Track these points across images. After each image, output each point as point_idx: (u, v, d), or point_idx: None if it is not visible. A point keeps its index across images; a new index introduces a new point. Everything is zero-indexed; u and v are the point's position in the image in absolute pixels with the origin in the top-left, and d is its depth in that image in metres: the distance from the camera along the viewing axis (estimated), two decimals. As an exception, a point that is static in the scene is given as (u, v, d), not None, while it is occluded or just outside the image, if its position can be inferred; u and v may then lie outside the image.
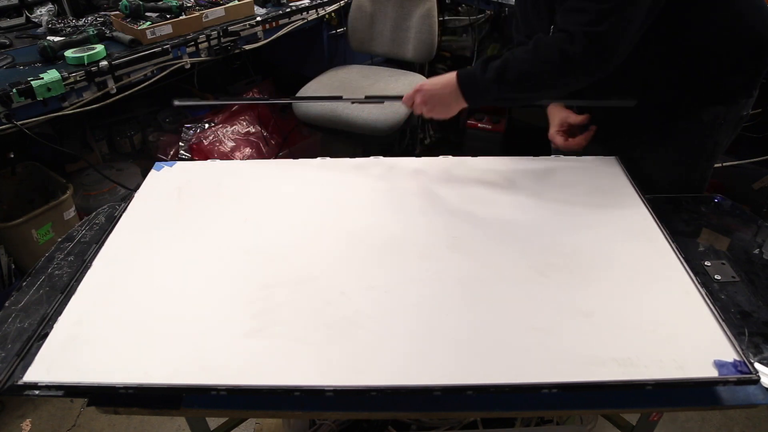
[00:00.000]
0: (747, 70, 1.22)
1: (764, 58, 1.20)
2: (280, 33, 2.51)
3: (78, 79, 1.89)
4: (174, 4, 2.23)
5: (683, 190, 1.34)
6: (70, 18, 2.35)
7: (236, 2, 2.36)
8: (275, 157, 2.83)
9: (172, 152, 2.71)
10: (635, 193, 1.23)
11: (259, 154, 2.78)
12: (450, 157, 1.37)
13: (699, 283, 0.99)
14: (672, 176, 1.34)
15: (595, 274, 1.02)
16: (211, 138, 2.66)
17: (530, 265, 1.03)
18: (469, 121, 3.05)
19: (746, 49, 1.19)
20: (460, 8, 3.15)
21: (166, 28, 2.15)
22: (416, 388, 0.81)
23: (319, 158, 1.37)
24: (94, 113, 2.11)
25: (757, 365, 0.91)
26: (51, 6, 2.37)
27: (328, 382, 0.81)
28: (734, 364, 0.83)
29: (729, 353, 0.85)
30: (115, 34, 2.15)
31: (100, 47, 1.99)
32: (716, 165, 2.24)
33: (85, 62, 1.92)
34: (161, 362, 0.86)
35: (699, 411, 0.93)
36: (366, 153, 1.46)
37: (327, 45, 2.85)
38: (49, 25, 2.21)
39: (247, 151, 2.74)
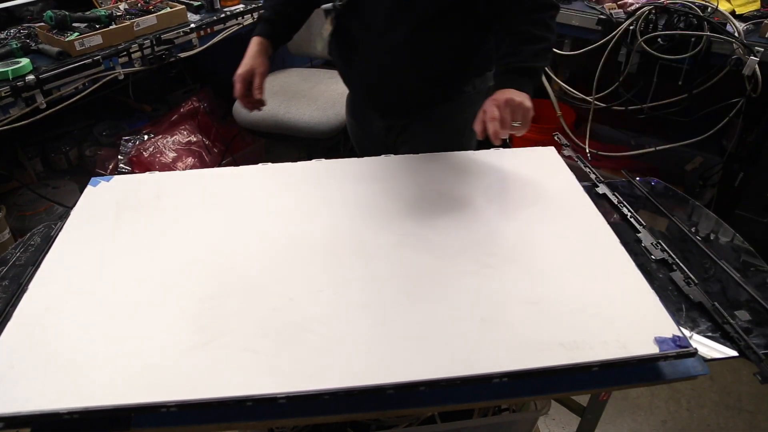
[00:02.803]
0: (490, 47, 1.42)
1: None
2: (215, 39, 2.47)
3: (3, 95, 1.81)
4: (103, 13, 2.16)
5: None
6: (-9, 32, 2.25)
7: (168, 10, 2.31)
8: (219, 166, 2.78)
9: (111, 166, 2.63)
10: (574, 181, 1.27)
11: (202, 164, 2.72)
12: (391, 156, 1.37)
13: (637, 263, 1.03)
14: (444, 146, 1.44)
15: (538, 262, 1.04)
16: (151, 149, 2.60)
17: (475, 257, 1.05)
18: (412, 120, 3.06)
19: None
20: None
21: (95, 39, 2.08)
22: (369, 388, 0.81)
23: (260, 164, 1.36)
24: (24, 130, 2.02)
25: (696, 337, 0.95)
26: (-31, 20, 2.26)
27: (279, 390, 0.80)
28: (673, 340, 0.86)
29: (668, 329, 0.88)
30: (41, 46, 2.07)
31: (25, 61, 1.91)
32: (649, 149, 2.35)
33: (10, 77, 1.84)
34: (107, 383, 0.83)
35: (646, 387, 0.96)
36: (310, 156, 1.45)
37: (265, 49, 2.81)
38: (-32, 40, 2.11)
39: (190, 161, 2.68)
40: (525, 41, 1.23)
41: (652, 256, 1.12)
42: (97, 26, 2.14)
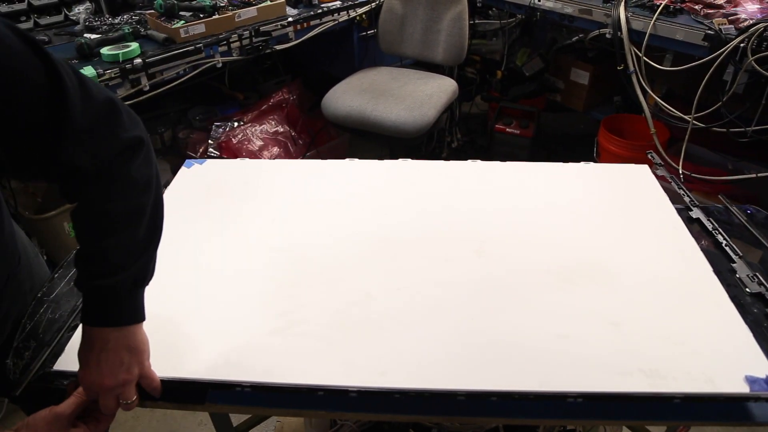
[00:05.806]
0: None
1: None
2: (311, 34, 2.53)
3: (113, 75, 1.93)
4: (207, 3, 2.26)
5: None
6: (107, 16, 2.40)
7: (268, 2, 2.39)
8: (302, 157, 2.85)
9: (201, 150, 2.74)
10: (667, 202, 1.21)
11: (287, 154, 2.79)
12: (478, 161, 1.36)
13: (730, 295, 0.97)
14: None
15: (623, 283, 1.00)
16: (239, 136, 2.69)
17: (557, 271, 1.02)
18: (497, 126, 3.03)
19: None
20: (490, 12, 3.14)
21: (199, 27, 2.18)
22: (441, 392, 0.81)
23: (347, 159, 1.38)
24: (126, 110, 2.15)
25: (791, 381, 0.88)
26: (88, 4, 2.42)
27: (351, 383, 0.82)
28: (767, 380, 0.81)
29: (761, 368, 0.83)
30: (149, 32, 2.19)
31: (134, 45, 2.03)
32: (749, 175, 2.21)
33: (120, 59, 1.96)
34: (187, 357, 0.87)
35: (727, 427, 0.90)
36: (393, 155, 1.46)
37: (357, 46, 2.86)
38: (86, 23, 2.27)
39: (275, 150, 2.76)
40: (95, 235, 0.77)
41: (747, 289, 1.05)
42: (201, 15, 2.24)
